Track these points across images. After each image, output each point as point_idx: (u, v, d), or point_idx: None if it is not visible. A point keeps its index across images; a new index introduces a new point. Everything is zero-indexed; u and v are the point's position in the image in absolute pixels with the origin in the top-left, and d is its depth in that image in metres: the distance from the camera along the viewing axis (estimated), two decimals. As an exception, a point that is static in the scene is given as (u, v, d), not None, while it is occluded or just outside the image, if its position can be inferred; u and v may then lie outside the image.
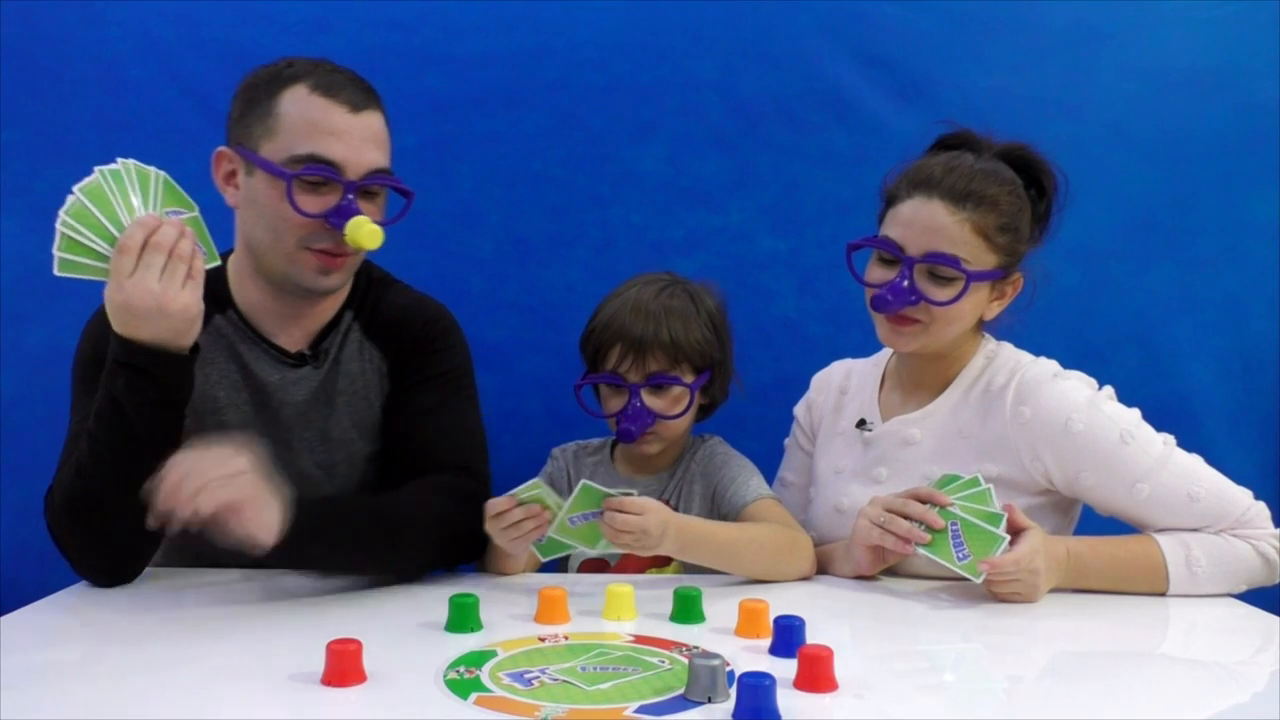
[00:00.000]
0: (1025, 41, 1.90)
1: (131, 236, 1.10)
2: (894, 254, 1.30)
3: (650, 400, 1.40)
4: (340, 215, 1.24)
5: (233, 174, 1.30)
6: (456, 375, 1.42)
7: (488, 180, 1.91)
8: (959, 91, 1.88)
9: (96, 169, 1.14)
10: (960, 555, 1.20)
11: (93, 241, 1.11)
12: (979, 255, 1.30)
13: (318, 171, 1.24)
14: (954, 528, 1.22)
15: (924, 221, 1.29)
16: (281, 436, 1.36)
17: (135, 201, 1.14)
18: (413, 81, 1.89)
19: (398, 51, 1.89)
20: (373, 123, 1.28)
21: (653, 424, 1.40)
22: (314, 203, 1.25)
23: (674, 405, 1.42)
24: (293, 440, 1.37)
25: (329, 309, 1.39)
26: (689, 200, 1.92)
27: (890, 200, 1.35)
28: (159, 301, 1.10)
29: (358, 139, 1.26)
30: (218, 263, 1.19)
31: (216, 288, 1.27)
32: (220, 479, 1.03)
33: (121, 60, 1.87)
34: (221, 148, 1.31)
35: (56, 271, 1.11)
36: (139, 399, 1.13)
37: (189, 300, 1.12)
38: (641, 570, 1.41)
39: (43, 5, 1.86)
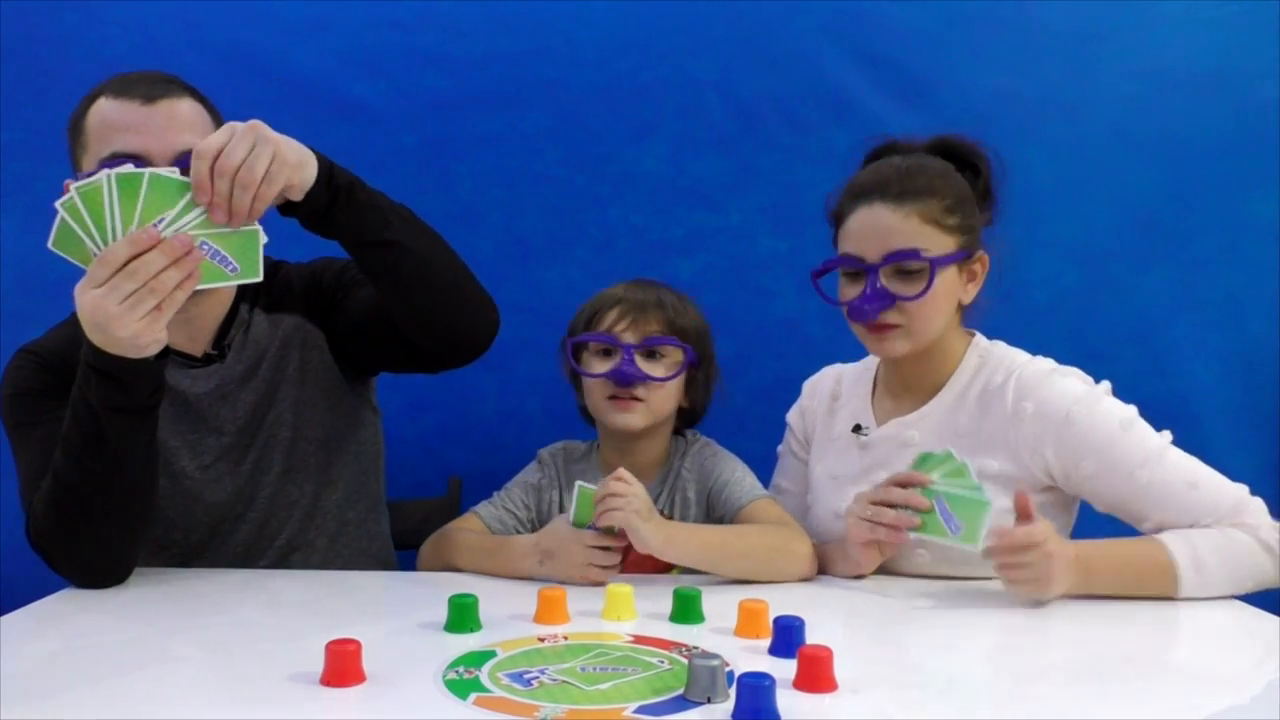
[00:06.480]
0: (1025, 41, 1.90)
1: (116, 252, 1.05)
2: (857, 266, 1.33)
3: (643, 364, 1.41)
4: None
5: None
6: None
7: (488, 180, 1.92)
8: (959, 91, 1.88)
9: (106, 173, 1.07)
10: (953, 528, 1.21)
11: (90, 235, 1.07)
12: (936, 241, 1.31)
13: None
14: (940, 503, 1.22)
15: (872, 227, 1.32)
16: (213, 426, 1.37)
17: (138, 212, 1.07)
18: (413, 81, 1.89)
19: (398, 51, 1.89)
20: (175, 108, 1.26)
21: (644, 380, 1.40)
22: None
23: (666, 371, 1.42)
24: (223, 425, 1.37)
25: (214, 306, 1.37)
26: (689, 200, 1.92)
27: (838, 221, 1.38)
28: (107, 323, 1.06)
29: (158, 126, 1.24)
30: (257, 278, 1.13)
31: None
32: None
33: (121, 60, 1.85)
34: (67, 180, 1.27)
35: (50, 244, 1.07)
36: (107, 403, 1.13)
37: (138, 330, 1.07)
38: (641, 571, 1.41)
39: (43, 5, 1.86)
